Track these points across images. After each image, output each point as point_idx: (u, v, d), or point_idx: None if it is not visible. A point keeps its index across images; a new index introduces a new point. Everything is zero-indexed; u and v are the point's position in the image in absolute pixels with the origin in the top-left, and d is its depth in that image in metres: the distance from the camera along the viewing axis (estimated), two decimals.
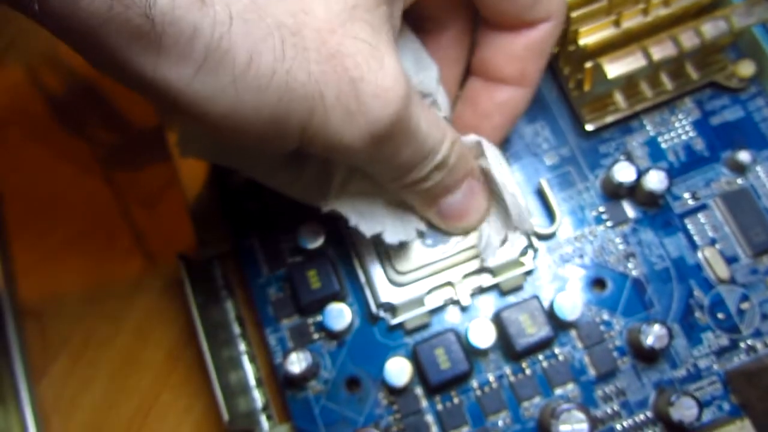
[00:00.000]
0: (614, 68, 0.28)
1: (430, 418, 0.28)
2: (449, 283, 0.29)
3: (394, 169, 0.23)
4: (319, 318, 0.29)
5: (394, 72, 0.19)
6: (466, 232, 0.29)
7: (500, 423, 0.28)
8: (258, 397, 0.30)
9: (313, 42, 0.18)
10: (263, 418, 0.30)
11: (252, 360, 0.31)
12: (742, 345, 0.28)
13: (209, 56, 0.17)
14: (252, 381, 0.31)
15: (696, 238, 0.30)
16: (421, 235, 0.28)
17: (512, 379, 0.28)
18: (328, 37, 0.18)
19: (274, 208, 0.31)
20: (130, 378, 0.33)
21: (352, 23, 0.18)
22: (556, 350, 0.29)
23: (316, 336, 0.29)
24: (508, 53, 0.26)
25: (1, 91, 0.39)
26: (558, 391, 0.28)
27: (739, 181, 0.30)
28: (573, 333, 0.29)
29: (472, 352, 0.28)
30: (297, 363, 0.28)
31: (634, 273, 0.29)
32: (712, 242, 0.30)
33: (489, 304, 0.29)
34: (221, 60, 0.17)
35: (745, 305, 0.29)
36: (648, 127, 0.31)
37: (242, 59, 0.17)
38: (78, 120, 0.38)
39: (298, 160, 0.26)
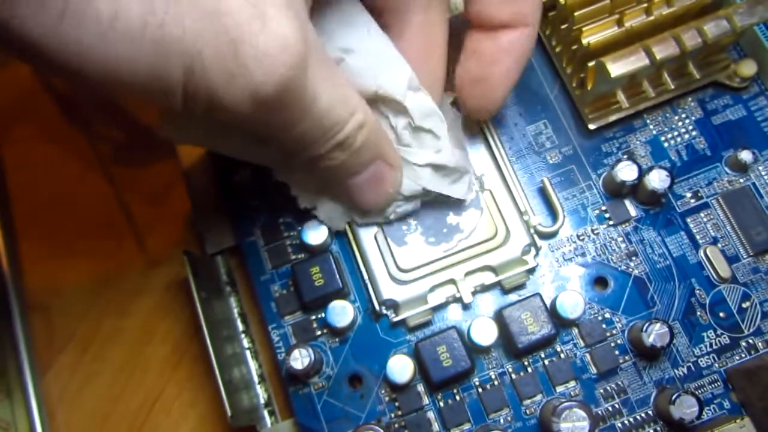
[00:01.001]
0: (617, 67, 0.28)
1: (431, 415, 0.29)
2: (452, 281, 0.29)
3: (291, 142, 0.23)
4: (322, 315, 0.29)
5: (281, 38, 0.19)
6: (376, 210, 0.29)
7: (502, 420, 0.28)
8: (261, 393, 0.31)
9: None
10: (266, 414, 0.30)
11: (255, 356, 0.31)
12: (743, 344, 0.28)
13: (69, 6, 0.16)
14: (255, 377, 0.31)
15: (698, 237, 0.30)
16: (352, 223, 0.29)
17: (514, 376, 0.29)
18: None
19: (278, 206, 0.31)
20: (135, 372, 0.34)
21: None
22: (558, 348, 0.29)
23: (318, 332, 0.30)
24: (477, 56, 0.26)
25: (9, 90, 0.40)
26: (559, 389, 0.28)
27: (741, 180, 0.30)
28: (575, 331, 0.29)
29: (474, 350, 0.29)
30: (300, 359, 0.28)
31: (636, 271, 0.29)
32: (714, 241, 0.30)
33: (491, 301, 0.30)
34: (84, 10, 0.16)
35: (746, 304, 0.29)
36: (650, 126, 0.31)
37: (107, 10, 0.17)
38: (85, 118, 0.39)
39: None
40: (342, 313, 0.29)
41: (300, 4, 0.20)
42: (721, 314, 0.29)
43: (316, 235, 0.30)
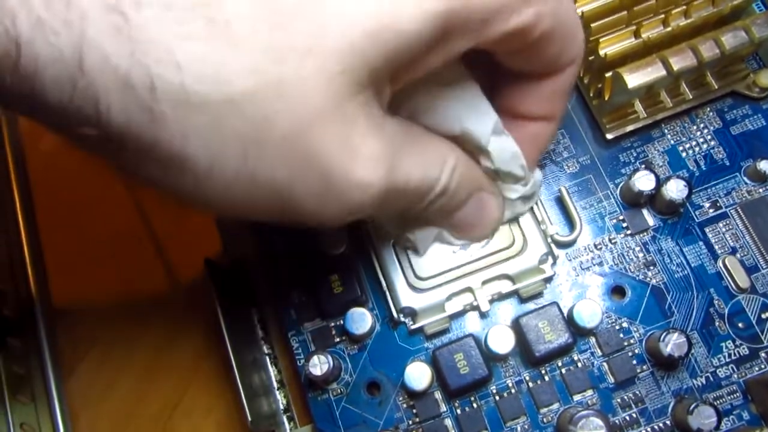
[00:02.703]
0: (634, 78, 0.28)
1: (449, 422, 0.29)
2: (469, 289, 0.29)
3: (397, 215, 0.24)
4: (340, 322, 0.30)
5: (370, 159, 0.20)
6: (485, 239, 0.29)
7: (519, 428, 0.28)
8: (280, 399, 0.31)
9: (277, 148, 0.18)
10: (285, 419, 0.31)
11: (274, 362, 0.32)
12: (763, 354, 0.28)
13: (171, 162, 0.18)
14: (274, 383, 0.31)
15: (716, 246, 0.30)
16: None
17: (531, 384, 0.29)
18: (292, 143, 0.18)
19: None
20: (156, 377, 0.34)
21: (320, 125, 0.18)
22: (575, 357, 0.29)
23: (337, 339, 0.30)
24: (536, 98, 0.25)
25: None
26: (577, 398, 0.28)
27: (760, 190, 0.30)
28: (592, 340, 0.29)
29: (491, 358, 0.29)
30: (318, 366, 0.28)
31: (654, 281, 0.30)
32: (733, 251, 0.30)
33: (508, 310, 0.30)
34: (182, 166, 0.18)
35: (765, 314, 0.29)
36: (668, 136, 0.32)
37: (204, 165, 0.18)
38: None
39: None
40: (360, 320, 0.29)
41: (377, 110, 0.20)
42: (740, 325, 0.29)
43: (335, 244, 0.30)
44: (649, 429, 0.28)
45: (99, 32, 0.16)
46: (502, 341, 0.28)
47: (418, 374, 0.28)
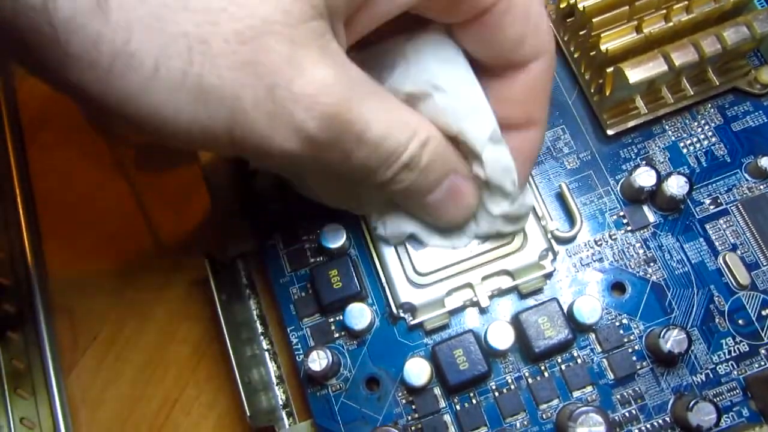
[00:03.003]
0: (635, 73, 0.28)
1: (448, 418, 0.29)
2: (469, 285, 0.29)
3: (355, 172, 0.23)
4: (340, 317, 0.30)
5: (318, 81, 0.20)
6: (456, 226, 0.29)
7: (518, 424, 0.28)
8: (279, 394, 0.31)
9: (223, 50, 0.19)
10: (284, 415, 0.31)
11: (274, 358, 0.32)
12: (762, 351, 0.28)
13: (116, 60, 0.18)
14: (274, 378, 0.31)
15: (717, 243, 0.30)
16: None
17: (530, 381, 0.29)
18: (239, 47, 0.19)
19: (297, 209, 0.32)
20: (156, 372, 0.34)
21: (267, 37, 0.19)
22: (575, 353, 0.29)
23: (336, 335, 0.30)
24: (508, 100, 0.26)
25: (34, 97, 0.40)
26: (576, 394, 0.28)
27: (761, 186, 0.30)
28: (592, 336, 0.29)
29: (490, 354, 0.29)
30: (318, 361, 0.28)
31: (654, 277, 0.29)
32: (733, 248, 0.30)
33: (508, 306, 0.30)
34: (128, 64, 0.18)
35: (765, 311, 0.29)
36: (669, 132, 0.31)
37: (149, 63, 0.18)
38: (108, 123, 0.39)
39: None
40: (360, 315, 0.29)
41: (334, 47, 0.21)
42: (740, 321, 0.29)
43: (334, 238, 0.30)
44: (648, 425, 0.28)
45: None
46: (502, 337, 0.28)
47: (418, 370, 0.28)
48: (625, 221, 0.30)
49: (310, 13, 0.19)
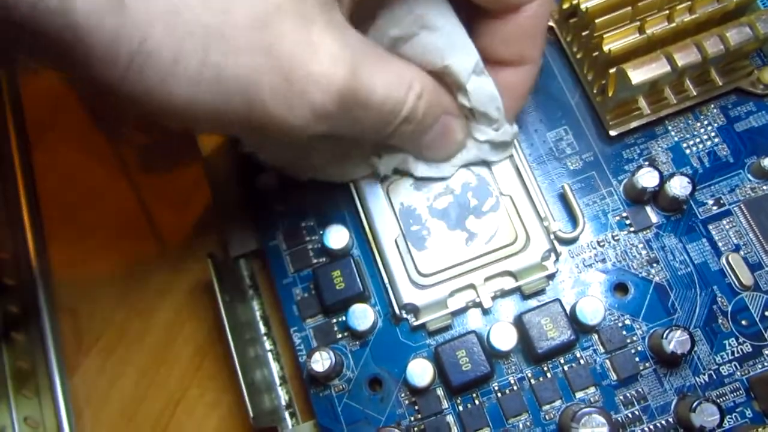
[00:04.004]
0: (638, 74, 0.28)
1: (451, 418, 0.29)
2: (471, 286, 0.29)
3: (362, 133, 0.24)
4: (342, 318, 0.30)
5: (330, 57, 0.20)
6: (448, 159, 0.30)
7: (521, 425, 0.28)
8: (282, 395, 0.31)
9: (238, 39, 0.19)
10: (287, 415, 0.31)
11: (277, 358, 0.32)
12: (766, 352, 0.28)
13: (135, 57, 0.18)
14: (277, 379, 0.31)
15: (719, 244, 0.30)
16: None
17: (533, 381, 0.29)
18: (254, 34, 0.19)
19: (300, 210, 0.32)
20: (160, 373, 0.34)
21: (279, 19, 0.19)
22: (578, 354, 0.29)
23: (339, 336, 0.30)
24: (502, 39, 0.26)
25: (39, 97, 0.41)
26: (579, 395, 0.28)
27: (764, 187, 0.30)
28: (595, 337, 0.29)
29: (493, 355, 0.29)
30: (320, 362, 0.28)
31: (657, 278, 0.29)
32: (736, 248, 0.30)
33: (511, 307, 0.30)
34: (146, 61, 0.18)
35: None
36: (672, 133, 0.31)
37: (168, 57, 0.18)
38: (113, 123, 0.40)
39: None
40: (362, 316, 0.29)
41: (338, 18, 0.21)
42: (744, 322, 0.29)
43: (337, 239, 0.30)
44: (651, 426, 0.28)
45: None
46: (505, 338, 0.28)
47: (420, 371, 0.28)
48: (627, 222, 0.30)
49: None
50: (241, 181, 0.33)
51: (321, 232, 0.30)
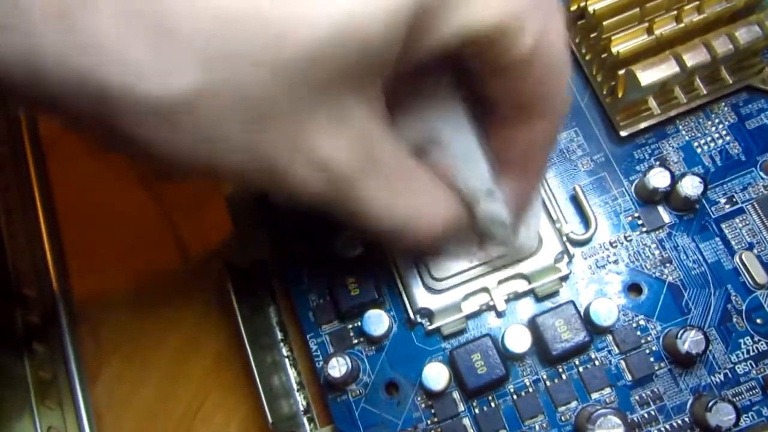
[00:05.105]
0: (647, 75, 0.28)
1: (467, 421, 0.29)
2: (485, 289, 0.29)
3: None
4: (358, 323, 0.30)
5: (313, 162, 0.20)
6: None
7: (537, 427, 0.29)
8: (300, 400, 0.31)
9: (235, 146, 0.19)
10: (305, 421, 0.31)
11: (294, 364, 0.32)
12: None
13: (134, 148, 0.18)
14: (294, 384, 0.32)
15: (733, 242, 0.30)
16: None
17: (548, 383, 0.29)
18: (246, 141, 0.19)
19: (315, 217, 0.32)
20: (179, 381, 0.35)
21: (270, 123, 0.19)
22: (593, 355, 0.29)
23: (355, 341, 0.30)
24: (510, 147, 0.24)
25: None
26: (594, 396, 0.29)
27: None
28: (609, 338, 0.29)
29: (508, 357, 0.29)
30: (337, 367, 0.28)
31: (671, 278, 0.29)
32: (750, 247, 0.30)
33: (525, 309, 0.30)
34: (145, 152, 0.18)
35: None
36: (683, 132, 0.31)
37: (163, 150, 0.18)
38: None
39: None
40: (378, 322, 0.30)
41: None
42: (758, 321, 0.29)
43: (351, 247, 0.30)
44: (667, 426, 0.28)
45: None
46: (519, 340, 0.28)
47: (436, 374, 0.29)
48: (640, 222, 0.30)
49: (319, 92, 0.18)
50: (256, 191, 0.33)
51: (335, 239, 0.31)
